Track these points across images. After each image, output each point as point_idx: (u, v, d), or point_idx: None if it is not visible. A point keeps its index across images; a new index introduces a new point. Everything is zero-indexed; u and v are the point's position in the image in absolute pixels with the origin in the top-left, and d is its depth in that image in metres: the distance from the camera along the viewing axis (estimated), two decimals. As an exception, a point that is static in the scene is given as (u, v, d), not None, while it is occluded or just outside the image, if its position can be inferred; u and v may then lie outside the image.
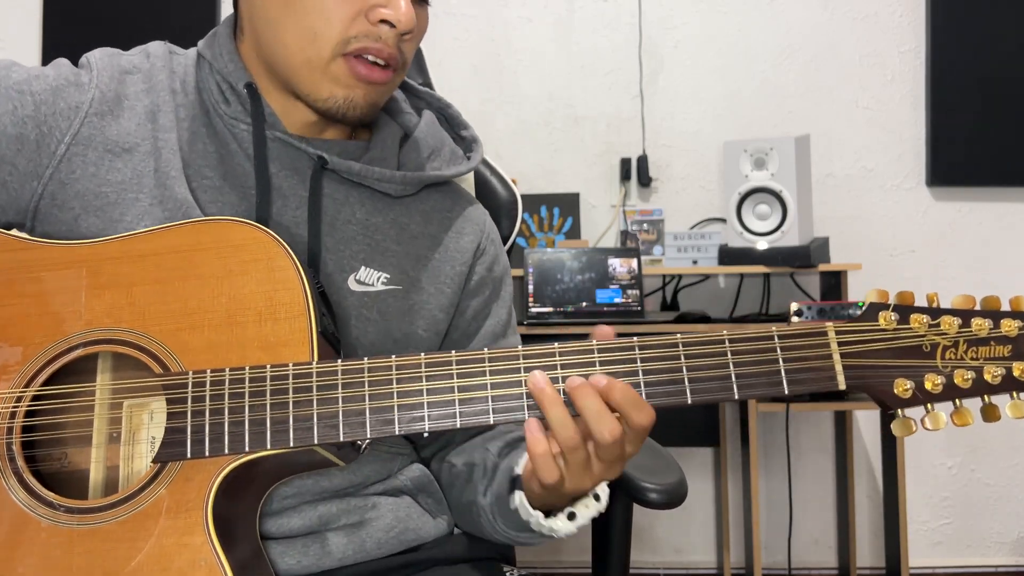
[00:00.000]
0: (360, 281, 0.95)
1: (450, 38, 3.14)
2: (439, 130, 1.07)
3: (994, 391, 0.76)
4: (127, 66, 0.96)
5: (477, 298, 1.04)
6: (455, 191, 1.07)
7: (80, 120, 0.91)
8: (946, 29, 3.01)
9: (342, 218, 0.96)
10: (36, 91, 0.90)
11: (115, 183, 0.90)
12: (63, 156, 0.90)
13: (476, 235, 1.05)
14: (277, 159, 0.95)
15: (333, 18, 0.88)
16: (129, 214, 0.89)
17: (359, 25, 0.89)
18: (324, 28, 0.89)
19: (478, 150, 1.08)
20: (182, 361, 0.80)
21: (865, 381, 0.77)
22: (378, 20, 0.89)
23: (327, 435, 0.77)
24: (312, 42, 0.89)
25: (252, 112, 0.94)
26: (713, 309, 2.95)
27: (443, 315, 1.01)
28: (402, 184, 0.99)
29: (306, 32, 0.89)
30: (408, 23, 0.89)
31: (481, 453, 0.98)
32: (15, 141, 0.89)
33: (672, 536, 3.08)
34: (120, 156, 0.91)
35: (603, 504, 0.85)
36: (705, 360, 0.78)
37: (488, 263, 1.06)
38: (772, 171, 2.75)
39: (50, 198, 0.90)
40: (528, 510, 0.85)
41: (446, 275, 1.01)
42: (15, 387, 0.82)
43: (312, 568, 0.91)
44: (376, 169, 0.97)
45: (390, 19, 0.89)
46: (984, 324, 0.77)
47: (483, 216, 1.08)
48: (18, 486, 0.79)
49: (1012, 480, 3.07)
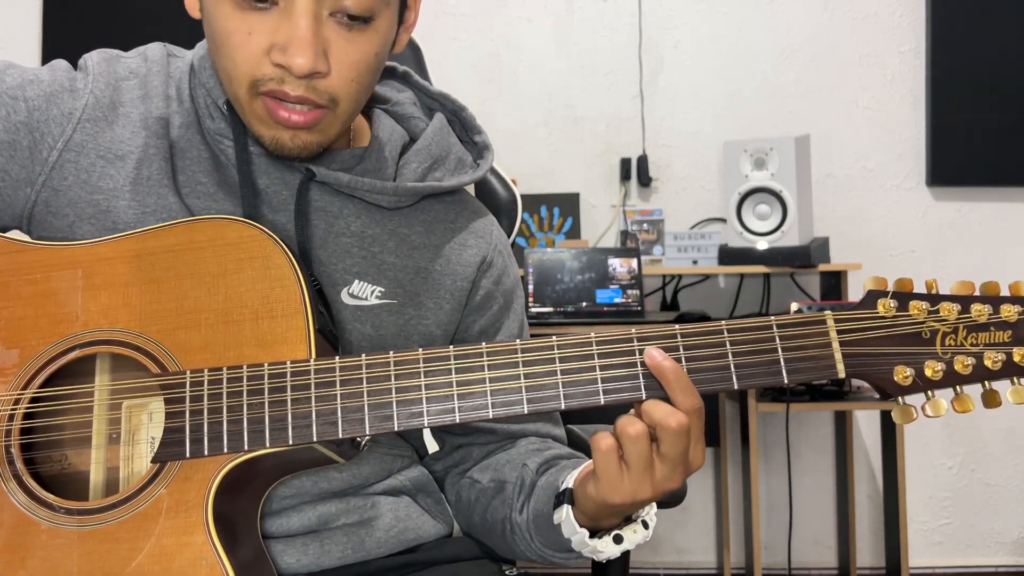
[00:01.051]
0: (353, 295, 0.93)
1: (450, 38, 3.14)
2: (447, 136, 1.03)
3: (994, 377, 0.76)
4: (123, 72, 0.94)
5: (484, 315, 1.02)
6: (461, 200, 1.04)
7: (73, 126, 0.90)
8: (946, 29, 3.01)
9: (335, 231, 0.94)
10: (30, 97, 0.90)
11: (107, 190, 0.90)
12: (55, 163, 0.90)
13: (481, 248, 1.01)
14: (265, 173, 0.93)
15: (237, 58, 0.83)
16: (121, 222, 0.89)
17: (264, 67, 0.83)
18: (232, 68, 0.84)
19: (488, 157, 1.04)
20: (179, 361, 0.80)
21: (865, 369, 0.77)
22: (276, 63, 0.83)
23: (326, 432, 0.77)
24: (229, 83, 0.86)
25: (233, 130, 0.92)
26: (713, 309, 2.95)
27: (440, 332, 0.98)
28: (395, 196, 0.96)
29: (224, 72, 0.86)
30: (302, 68, 0.81)
31: (516, 470, 0.95)
32: (8, 147, 0.89)
33: (672, 536, 3.08)
34: (113, 163, 0.91)
35: (651, 532, 0.84)
36: (704, 351, 0.78)
37: (496, 276, 1.03)
38: (772, 171, 2.75)
39: (44, 205, 0.90)
40: (574, 526, 0.83)
41: (446, 289, 0.98)
42: (13, 390, 0.81)
43: (311, 567, 0.91)
44: (367, 181, 0.93)
45: (282, 63, 0.82)
46: (984, 310, 0.76)
47: (490, 227, 1.04)
48: (18, 489, 0.79)
49: (1012, 480, 3.06)
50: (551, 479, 0.89)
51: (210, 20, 0.85)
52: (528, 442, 1.01)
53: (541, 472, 0.93)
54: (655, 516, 0.84)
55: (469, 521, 1.01)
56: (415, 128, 1.02)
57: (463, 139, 1.07)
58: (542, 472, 0.93)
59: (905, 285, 0.78)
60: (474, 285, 1.01)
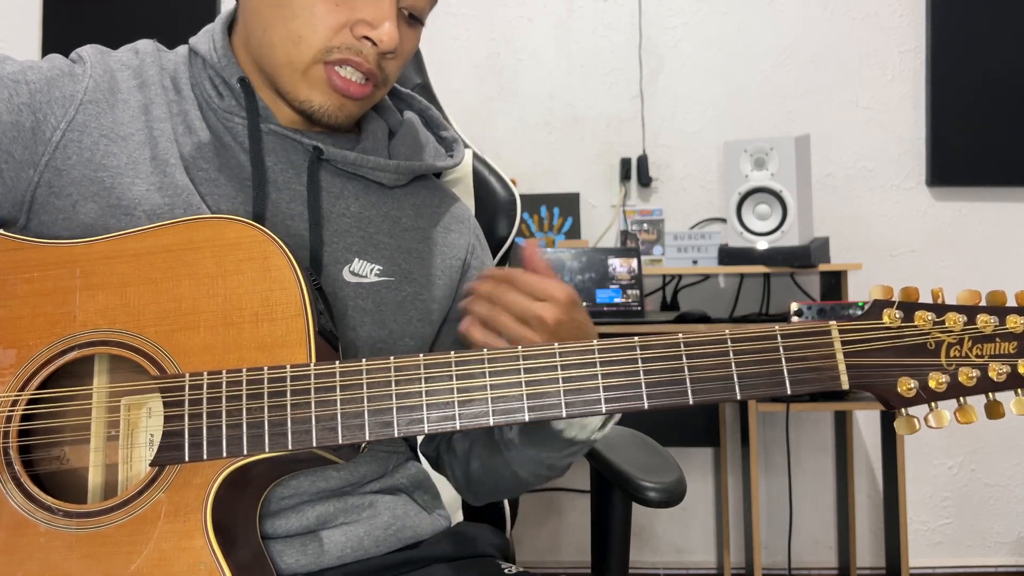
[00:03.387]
0: (354, 272, 0.96)
1: (450, 38, 3.13)
2: (422, 129, 1.09)
3: (999, 388, 0.75)
4: (116, 65, 0.96)
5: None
6: (441, 188, 1.09)
7: (75, 108, 0.91)
8: (946, 29, 3.01)
9: (337, 211, 0.97)
10: (31, 80, 0.91)
11: (112, 167, 0.90)
12: (58, 143, 0.90)
13: (465, 233, 1.07)
14: (272, 152, 0.96)
15: (319, 25, 0.90)
16: (126, 199, 0.89)
17: (342, 36, 0.90)
18: (308, 34, 0.90)
19: (459, 149, 1.10)
20: (179, 363, 0.80)
21: (868, 380, 0.76)
22: (361, 35, 0.91)
23: (325, 438, 0.77)
24: (296, 45, 0.91)
25: (246, 106, 0.95)
26: (713, 309, 2.94)
27: (437, 306, 1.02)
28: (396, 173, 1.01)
29: (291, 35, 0.91)
30: (390, 43, 0.91)
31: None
32: (11, 129, 0.89)
33: (672, 536, 3.08)
34: (116, 142, 0.91)
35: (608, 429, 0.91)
36: (707, 360, 0.77)
37: (479, 262, 1.08)
38: (772, 171, 2.75)
39: (47, 186, 0.90)
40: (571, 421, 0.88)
41: (437, 267, 1.03)
42: (10, 391, 0.81)
43: (310, 566, 0.91)
44: (371, 158, 0.98)
45: (372, 37, 0.91)
46: (990, 321, 0.76)
47: (468, 213, 1.10)
48: (16, 491, 0.79)
49: (1012, 480, 3.06)
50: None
51: None
52: None
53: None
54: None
55: (468, 470, 1.03)
56: (392, 120, 1.08)
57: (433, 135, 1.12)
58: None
59: (911, 295, 0.77)
60: (464, 263, 1.05)
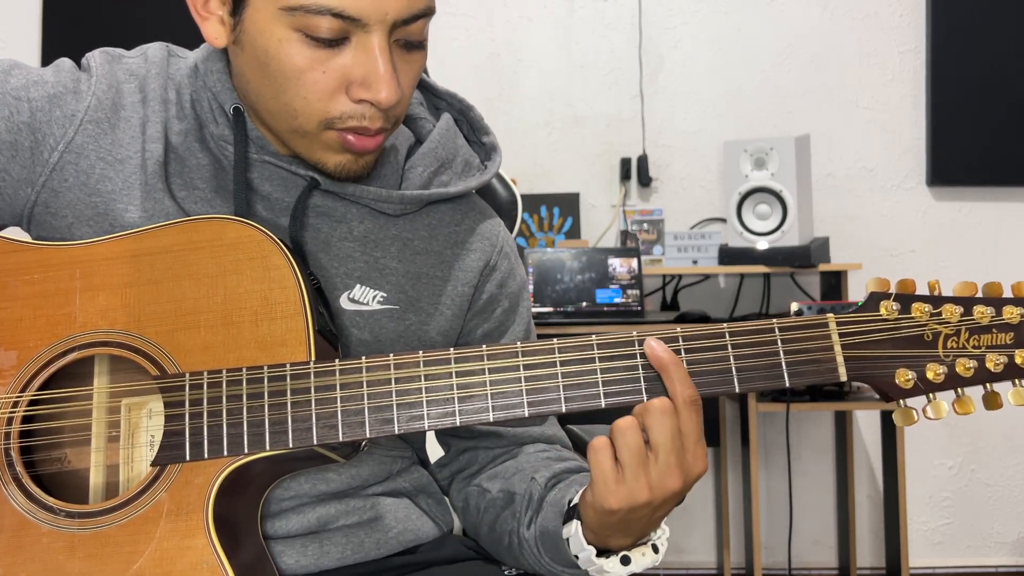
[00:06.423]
0: (353, 300, 0.93)
1: (450, 38, 3.13)
2: (453, 138, 1.01)
3: (996, 379, 0.76)
4: (124, 75, 0.94)
5: (487, 319, 1.00)
6: (467, 203, 1.02)
7: (75, 129, 0.90)
8: (946, 29, 3.01)
9: (338, 235, 0.93)
10: (33, 98, 0.90)
11: (105, 192, 0.90)
12: (56, 164, 0.90)
13: (486, 251, 1.00)
14: (269, 180, 0.92)
15: (311, 98, 0.83)
16: (118, 225, 0.88)
17: (340, 105, 0.83)
18: (303, 107, 0.84)
19: (496, 159, 1.03)
20: (179, 363, 0.80)
21: (866, 372, 0.77)
22: (359, 99, 0.83)
23: (326, 435, 0.77)
24: (294, 117, 0.85)
25: (235, 137, 0.91)
26: (713, 309, 2.95)
27: (441, 338, 0.97)
28: (400, 204, 0.95)
29: (286, 108, 0.85)
30: (390, 100, 0.82)
31: (524, 483, 0.94)
32: (9, 148, 0.89)
33: (672, 536, 3.06)
34: (112, 165, 0.90)
35: (661, 556, 0.83)
36: (705, 353, 0.77)
37: (500, 280, 1.01)
38: (772, 171, 2.75)
39: (44, 206, 0.90)
40: (582, 543, 0.82)
41: (448, 295, 0.97)
42: (11, 392, 0.81)
43: (311, 568, 0.91)
44: (371, 189, 0.92)
45: (371, 100, 0.83)
46: (986, 312, 0.76)
47: (496, 229, 1.02)
48: (18, 491, 0.79)
49: (1012, 480, 3.07)
50: (559, 495, 0.89)
51: (271, 56, 0.83)
52: (536, 449, 1.00)
53: (550, 487, 0.92)
54: (667, 541, 0.83)
55: (477, 530, 1.01)
56: (421, 130, 1.01)
57: (470, 139, 1.05)
58: (551, 487, 0.92)
59: (908, 287, 0.78)
60: (476, 290, 0.99)
